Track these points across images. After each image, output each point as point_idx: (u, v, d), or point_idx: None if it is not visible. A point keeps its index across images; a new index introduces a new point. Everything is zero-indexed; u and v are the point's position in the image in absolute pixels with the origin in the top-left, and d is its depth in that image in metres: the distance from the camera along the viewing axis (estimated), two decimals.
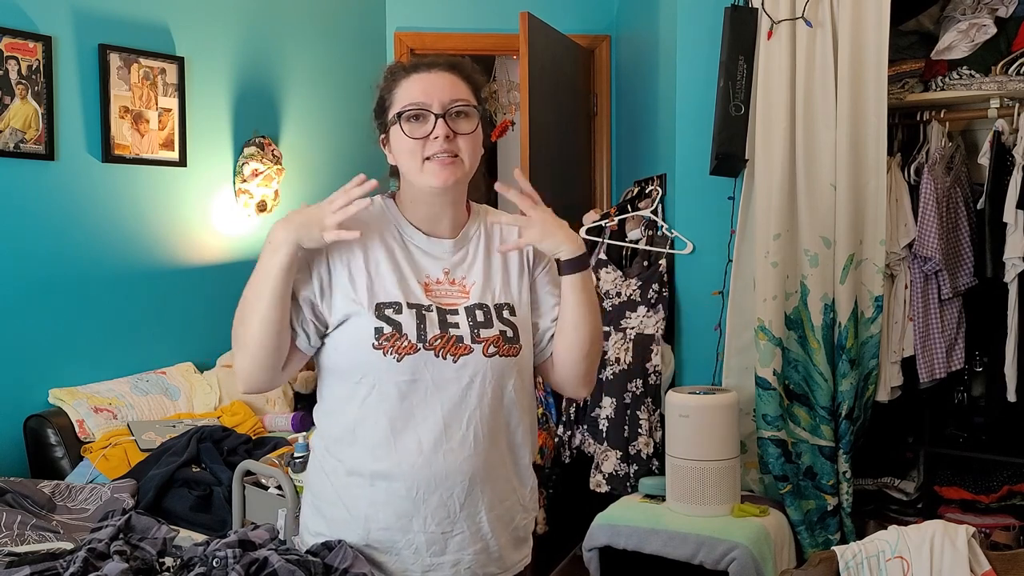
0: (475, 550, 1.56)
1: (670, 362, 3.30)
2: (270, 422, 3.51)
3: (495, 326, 1.55)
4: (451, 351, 1.51)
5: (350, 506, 1.54)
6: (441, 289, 1.56)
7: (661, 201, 3.43)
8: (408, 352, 1.49)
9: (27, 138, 3.14)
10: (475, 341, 1.52)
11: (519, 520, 1.63)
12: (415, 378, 1.50)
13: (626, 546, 2.80)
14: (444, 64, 1.56)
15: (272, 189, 3.94)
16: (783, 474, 3.00)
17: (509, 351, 1.55)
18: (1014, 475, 3.04)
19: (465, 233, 1.62)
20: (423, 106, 1.51)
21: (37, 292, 3.20)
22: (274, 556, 1.46)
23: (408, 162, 1.54)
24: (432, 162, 1.52)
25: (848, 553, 2.22)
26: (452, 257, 1.59)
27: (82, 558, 1.47)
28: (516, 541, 1.63)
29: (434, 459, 1.50)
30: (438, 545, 1.53)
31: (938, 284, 3.05)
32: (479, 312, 1.55)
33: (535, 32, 3.68)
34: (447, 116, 1.51)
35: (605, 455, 3.21)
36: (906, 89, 3.13)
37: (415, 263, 1.56)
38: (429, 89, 1.52)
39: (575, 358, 1.61)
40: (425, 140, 1.51)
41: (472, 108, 1.54)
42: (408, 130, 1.52)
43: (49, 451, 3.04)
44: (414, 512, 1.51)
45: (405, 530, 1.52)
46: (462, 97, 1.53)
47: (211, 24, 3.82)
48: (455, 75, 1.55)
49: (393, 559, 1.53)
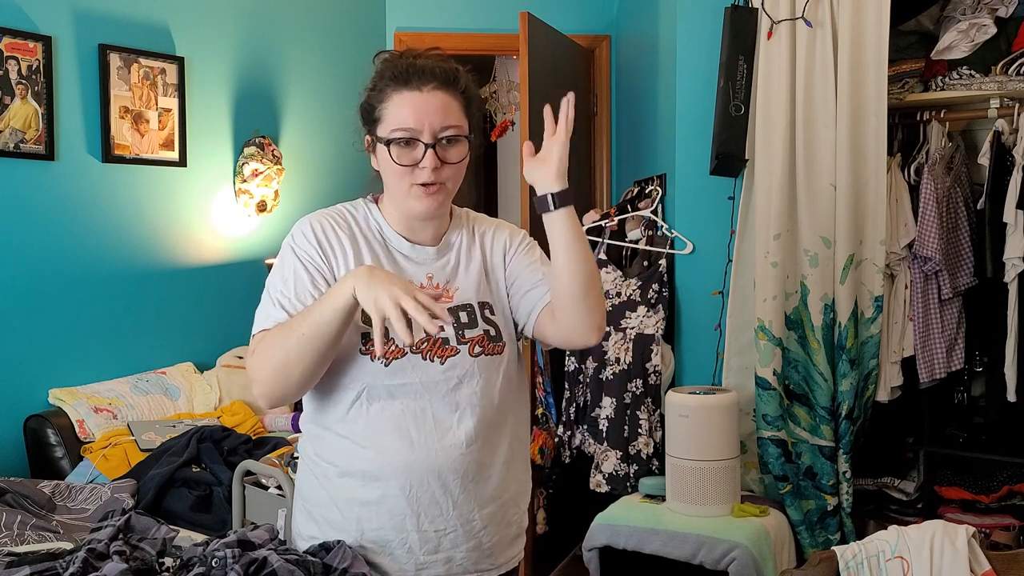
0: (468, 547, 1.57)
1: (670, 362, 3.30)
2: (270, 422, 3.51)
3: (479, 326, 1.57)
4: (438, 353, 1.53)
5: (343, 508, 1.55)
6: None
7: (661, 201, 3.43)
8: (395, 356, 1.51)
9: (27, 138, 3.14)
10: (460, 342, 1.55)
11: (512, 516, 1.64)
12: (404, 381, 1.51)
13: (626, 546, 2.80)
14: (439, 80, 1.52)
15: (272, 189, 3.94)
16: (783, 474, 3.00)
17: (494, 349, 1.58)
18: (1014, 475, 3.04)
19: (447, 240, 1.63)
20: (413, 133, 1.50)
21: (37, 292, 3.20)
22: (273, 556, 1.46)
23: (394, 184, 1.55)
24: (418, 189, 1.52)
25: (848, 553, 2.22)
26: (435, 263, 1.61)
27: (82, 558, 1.47)
28: (509, 537, 1.64)
29: (426, 459, 1.51)
30: (432, 543, 1.54)
31: (938, 284, 3.05)
32: (463, 313, 1.57)
33: (535, 32, 3.68)
34: (437, 145, 1.50)
35: (605, 455, 3.21)
36: (906, 89, 3.13)
37: (399, 269, 1.58)
38: (421, 114, 1.50)
39: (576, 295, 1.53)
40: (413, 168, 1.51)
41: (462, 137, 1.53)
42: (396, 156, 1.52)
43: (49, 451, 3.04)
44: (407, 511, 1.53)
45: (399, 529, 1.53)
46: (453, 123, 1.52)
47: (211, 24, 3.82)
48: (448, 94, 1.52)
49: (387, 559, 1.54)
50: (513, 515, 1.64)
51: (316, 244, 1.55)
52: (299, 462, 1.66)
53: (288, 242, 1.58)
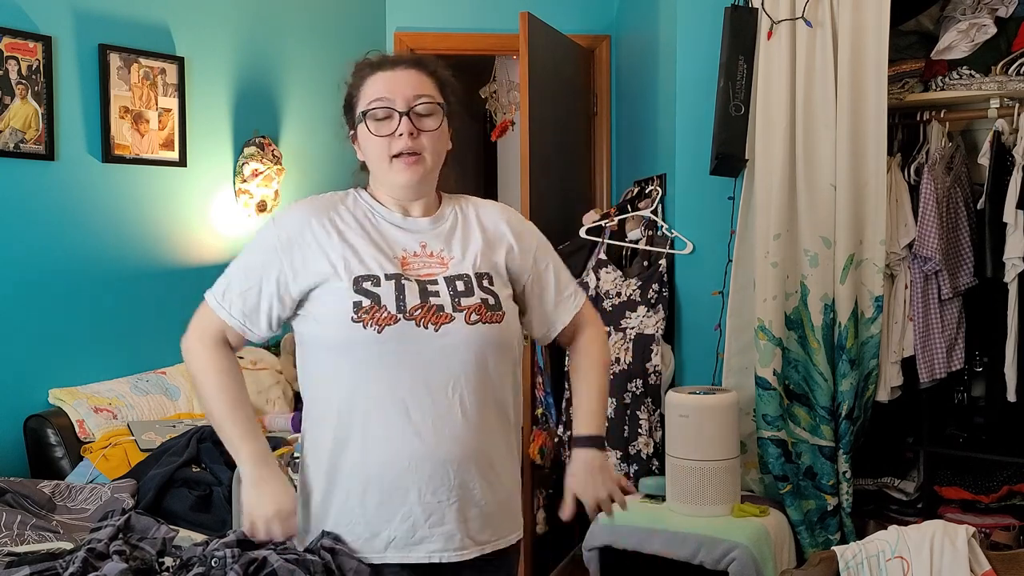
0: (471, 515, 1.57)
1: (670, 362, 3.30)
2: (270, 422, 3.51)
3: (476, 294, 1.56)
4: (432, 320, 1.52)
5: (344, 486, 1.55)
6: (419, 261, 1.58)
7: (661, 201, 3.43)
8: (388, 323, 1.50)
9: (27, 138, 3.14)
10: (456, 309, 1.54)
11: (511, 487, 1.65)
12: (397, 349, 1.51)
13: (626, 546, 2.80)
14: (409, 61, 1.60)
15: (272, 189, 3.94)
16: (783, 474, 3.00)
17: (492, 318, 1.56)
18: (1014, 475, 3.04)
19: (441, 213, 1.65)
20: (387, 103, 1.54)
21: (37, 292, 3.20)
22: (273, 556, 1.46)
23: (375, 159, 1.58)
24: (398, 160, 1.55)
25: (848, 553, 2.22)
26: (430, 232, 1.62)
27: (81, 558, 1.47)
28: (509, 512, 1.65)
29: (424, 428, 1.52)
30: (436, 515, 1.54)
31: (938, 284, 3.04)
32: (459, 282, 1.57)
33: (535, 32, 3.68)
34: (411, 113, 1.54)
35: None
36: (906, 89, 3.13)
37: (392, 239, 1.59)
38: (393, 86, 1.55)
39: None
40: (390, 138, 1.55)
41: (436, 105, 1.57)
42: (373, 128, 1.56)
43: (49, 451, 3.04)
44: (409, 482, 1.52)
45: (402, 502, 1.53)
46: (426, 93, 1.57)
47: (211, 24, 3.82)
48: (420, 72, 1.59)
49: (392, 530, 1.54)
50: (513, 485, 1.65)
51: (290, 239, 1.57)
52: (301, 459, 1.66)
53: (273, 228, 1.61)
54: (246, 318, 1.59)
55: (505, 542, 1.65)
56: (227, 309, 1.60)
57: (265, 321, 1.59)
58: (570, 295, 1.75)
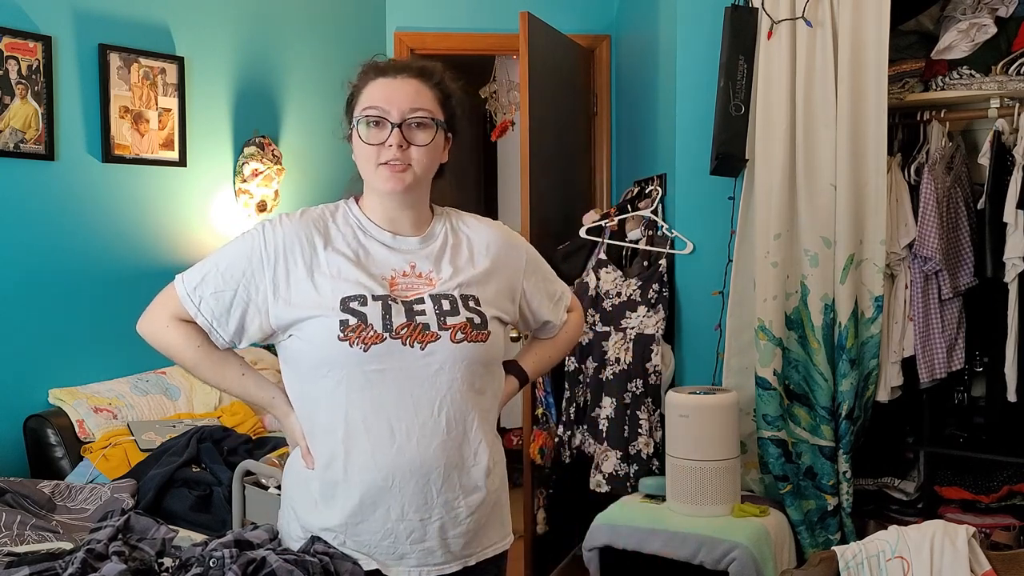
0: (454, 534, 1.57)
1: (670, 362, 3.30)
2: (270, 422, 3.51)
3: (462, 314, 1.56)
4: (418, 339, 1.52)
5: (328, 501, 1.55)
6: (407, 282, 1.58)
7: (661, 201, 3.43)
8: (375, 342, 1.50)
9: (27, 138, 3.14)
10: (442, 328, 1.54)
11: (499, 496, 1.65)
12: (383, 367, 1.51)
13: (626, 546, 2.80)
14: (414, 70, 1.59)
15: (272, 189, 3.94)
16: (783, 474, 3.00)
17: (477, 337, 1.56)
18: (1014, 475, 3.04)
19: (431, 231, 1.65)
20: (382, 112, 1.54)
21: (37, 292, 3.20)
22: (272, 556, 1.46)
23: (363, 164, 1.59)
24: (384, 167, 1.55)
25: (848, 553, 2.22)
26: (419, 252, 1.61)
27: (80, 558, 1.47)
28: (496, 521, 1.65)
29: (407, 447, 1.51)
30: (417, 532, 1.54)
31: (938, 284, 3.04)
32: (445, 301, 1.57)
33: (535, 32, 3.68)
34: (404, 126, 1.54)
35: (605, 455, 3.21)
36: (906, 89, 3.13)
37: (381, 260, 1.59)
38: (391, 96, 1.55)
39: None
40: (380, 147, 1.55)
41: (430, 120, 1.56)
42: (364, 135, 1.56)
43: (49, 451, 3.04)
44: (391, 501, 1.52)
45: (384, 519, 1.53)
46: (423, 107, 1.56)
47: (211, 24, 3.82)
48: (422, 82, 1.58)
49: (373, 548, 1.54)
50: (499, 494, 1.65)
51: (276, 252, 1.56)
52: (287, 464, 1.67)
53: (257, 236, 1.58)
54: (215, 319, 1.58)
55: (493, 551, 1.65)
56: (196, 305, 1.58)
57: (234, 326, 1.57)
58: (559, 299, 1.82)
